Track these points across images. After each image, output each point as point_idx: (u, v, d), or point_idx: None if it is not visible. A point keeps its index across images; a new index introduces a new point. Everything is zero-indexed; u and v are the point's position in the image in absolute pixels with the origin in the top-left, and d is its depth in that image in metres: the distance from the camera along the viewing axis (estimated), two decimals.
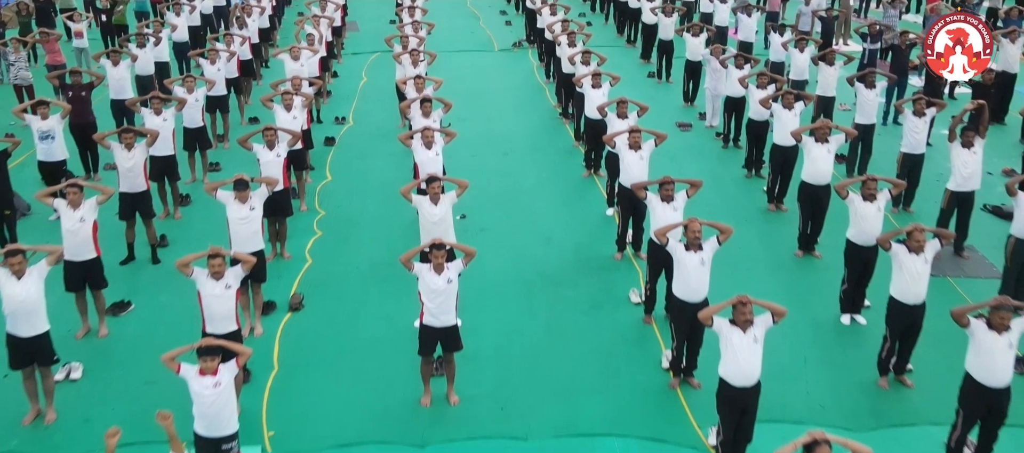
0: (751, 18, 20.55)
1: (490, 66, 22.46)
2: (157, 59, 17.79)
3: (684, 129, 17.70)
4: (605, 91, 14.74)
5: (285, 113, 13.21)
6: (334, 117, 17.99)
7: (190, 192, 14.12)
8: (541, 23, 21.26)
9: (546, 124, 18.05)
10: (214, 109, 16.04)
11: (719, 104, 17.59)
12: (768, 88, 14.66)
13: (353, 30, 25.57)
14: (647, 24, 22.18)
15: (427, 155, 11.95)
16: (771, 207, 13.96)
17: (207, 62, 15.79)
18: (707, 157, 16.29)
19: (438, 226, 10.23)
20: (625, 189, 11.98)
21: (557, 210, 13.99)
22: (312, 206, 13.89)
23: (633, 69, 21.75)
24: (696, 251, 9.16)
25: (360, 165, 15.66)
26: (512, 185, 14.92)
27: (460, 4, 29.88)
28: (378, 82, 20.26)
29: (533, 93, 20.15)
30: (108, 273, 11.02)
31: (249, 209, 9.99)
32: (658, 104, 18.95)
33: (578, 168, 15.59)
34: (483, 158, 16.04)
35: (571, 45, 17.28)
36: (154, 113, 12.88)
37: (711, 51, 17.28)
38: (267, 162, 11.76)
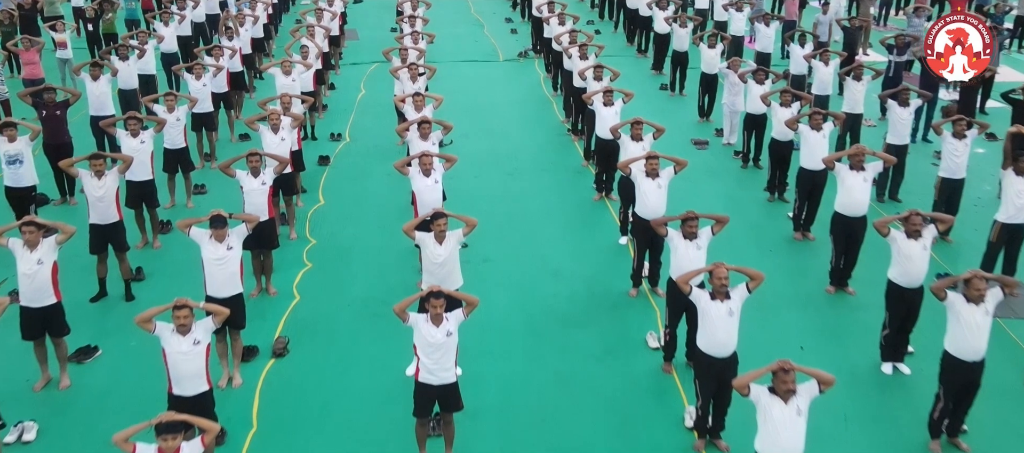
0: (769, 28, 19.55)
1: (495, 77, 21.46)
2: (142, 71, 16.84)
3: (700, 147, 16.68)
4: (618, 109, 13.74)
5: (272, 135, 12.23)
6: (330, 133, 17.01)
7: (172, 217, 13.13)
8: (549, 32, 20.25)
9: (554, 141, 17.04)
10: (199, 127, 15.06)
11: (738, 120, 16.58)
12: (792, 106, 13.66)
13: (352, 39, 24.60)
14: (659, 33, 21.18)
15: (425, 183, 10.95)
16: (797, 235, 12.92)
17: (192, 77, 14.81)
18: (725, 178, 15.27)
19: (443, 268, 9.25)
20: (641, 219, 10.99)
21: (566, 238, 12.98)
22: (302, 234, 12.90)
23: (644, 81, 20.74)
24: (723, 300, 8.14)
25: (356, 187, 14.66)
26: (518, 210, 13.91)
27: (463, 11, 28.90)
28: (377, 94, 19.27)
29: (540, 107, 19.15)
30: (76, 313, 10.09)
31: (226, 249, 8.99)
32: (672, 119, 17.90)
33: (588, 190, 14.58)
34: (487, 179, 15.04)
35: (582, 58, 16.27)
36: (131, 135, 11.90)
37: (729, 64, 16.25)
38: (251, 190, 10.78)
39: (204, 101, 14.88)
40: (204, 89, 14.82)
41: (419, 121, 12.26)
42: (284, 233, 12.71)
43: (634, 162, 11.09)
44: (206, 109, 14.96)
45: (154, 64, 17.15)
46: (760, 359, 9.09)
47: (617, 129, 12.40)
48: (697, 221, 9.40)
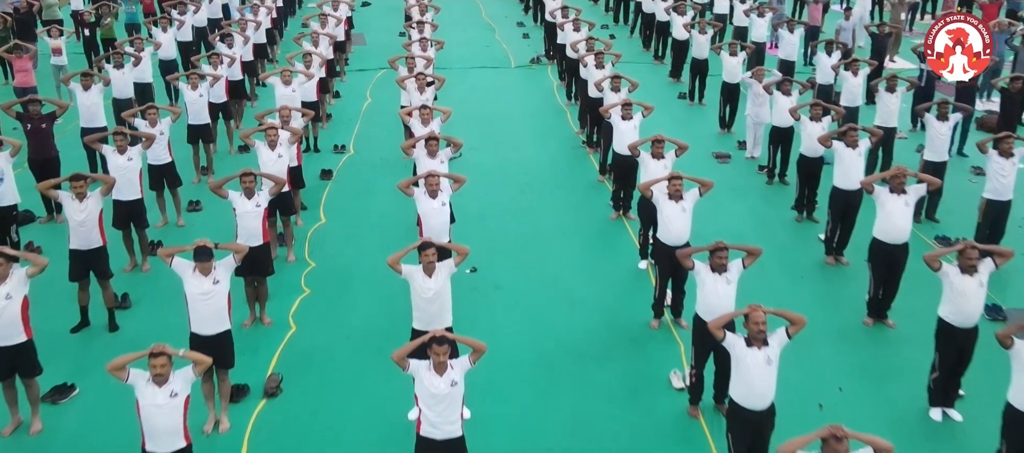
0: (794, 35, 18.67)
1: (506, 85, 20.65)
2: (139, 80, 16.12)
3: (722, 161, 15.84)
4: (636, 123, 12.92)
5: (269, 152, 11.46)
6: (333, 145, 16.23)
7: (163, 237, 12.38)
8: (563, 39, 19.44)
9: (568, 154, 16.22)
10: (196, 139, 14.30)
11: (762, 133, 15.73)
12: (823, 120, 12.82)
13: (359, 44, 23.84)
14: (678, 40, 20.34)
15: (431, 206, 10.16)
16: (830, 260, 12.07)
17: (187, 87, 14.05)
18: (750, 195, 14.42)
19: (433, 304, 8.42)
20: (664, 245, 10.18)
21: (582, 262, 12.16)
22: (301, 256, 12.12)
23: (662, 89, 19.91)
24: (760, 347, 7.31)
25: (359, 204, 13.87)
26: (530, 229, 13.10)
27: (474, 14, 28.10)
28: (384, 103, 18.46)
29: (553, 117, 18.33)
30: (53, 345, 9.44)
31: (212, 283, 8.20)
32: (691, 131, 17.16)
33: (605, 208, 13.76)
34: (497, 196, 14.24)
35: (598, 67, 15.45)
36: (118, 151, 11.15)
37: (752, 74, 15.40)
38: (245, 213, 10.01)
39: (200, 112, 14.12)
40: (200, 100, 14.06)
41: (426, 137, 11.46)
42: (282, 254, 11.97)
43: (656, 184, 10.27)
44: (202, 121, 14.19)
45: (151, 72, 16.40)
46: (795, 402, 8.34)
47: (636, 146, 11.58)
48: (727, 253, 8.57)
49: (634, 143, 11.64)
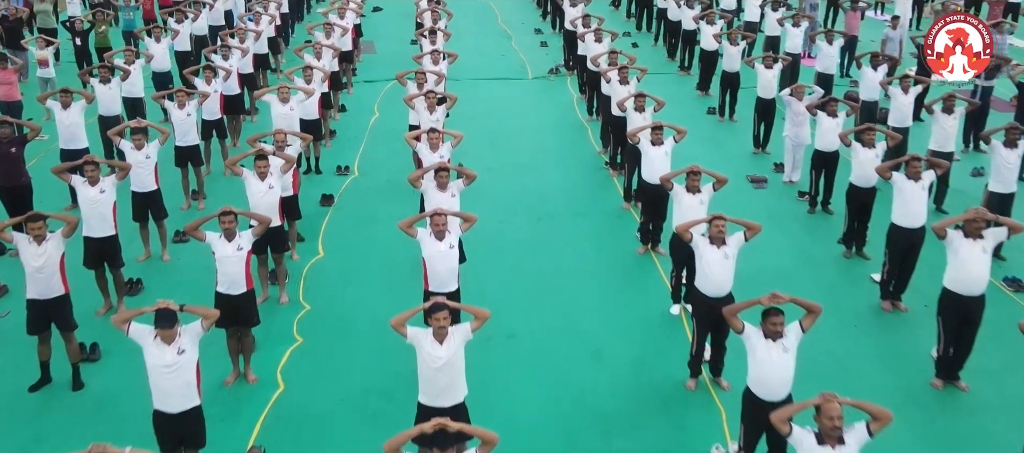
0: (833, 46, 17.34)
1: (522, 98, 19.39)
2: (129, 94, 14.99)
3: (758, 185, 14.53)
4: (668, 149, 11.66)
5: (258, 183, 10.26)
6: (336, 166, 15.01)
7: (144, 273, 11.22)
8: (583, 50, 18.18)
9: (589, 177, 14.95)
10: (185, 161, 13.13)
11: (801, 155, 14.43)
12: (876, 147, 11.52)
13: (368, 52, 22.65)
14: (706, 51, 19.03)
15: (437, 249, 8.91)
16: (886, 305, 10.75)
17: (174, 105, 12.88)
18: (790, 225, 13.10)
19: (443, 374, 7.19)
20: (703, 297, 8.90)
21: (607, 306, 10.88)
22: (295, 297, 10.91)
23: (689, 103, 18.65)
24: (834, 445, 6.04)
25: (362, 236, 12.65)
26: (549, 266, 11.84)
27: (490, 21, 26.89)
28: (393, 118, 17.22)
29: (573, 134, 17.06)
30: (9, 406, 8.29)
31: (177, 353, 6.99)
32: (723, 150, 15.93)
33: (631, 240, 12.49)
34: (513, 226, 12.99)
35: (623, 82, 14.18)
36: (89, 183, 9.98)
37: (792, 91, 14.07)
38: (224, 257, 8.82)
39: (188, 132, 12.94)
40: (188, 119, 12.87)
41: (436, 168, 10.20)
42: (274, 295, 10.78)
43: (695, 226, 9.00)
44: (191, 142, 13.01)
45: (142, 85, 15.24)
46: None
47: (669, 179, 10.30)
48: (782, 319, 7.29)
49: (667, 176, 10.36)
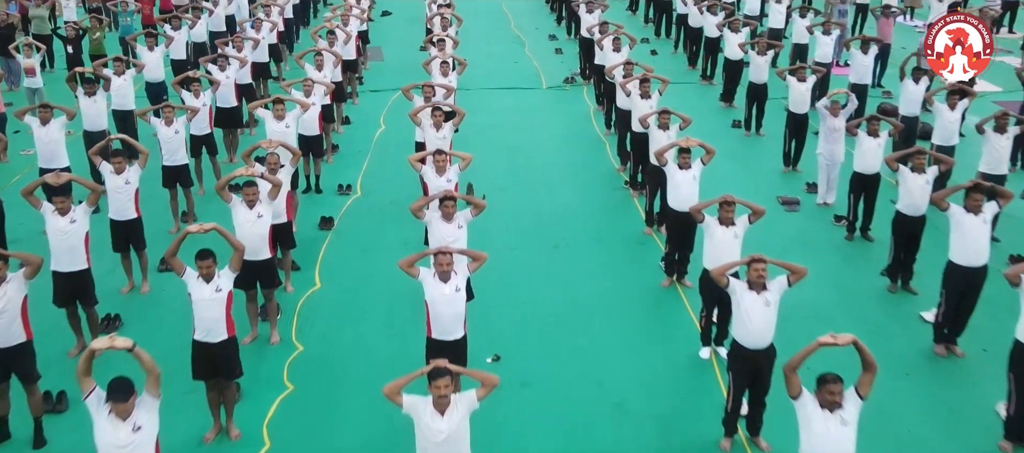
0: (868, 55, 16.30)
1: (536, 109, 18.40)
2: (120, 107, 14.11)
3: (789, 207, 13.48)
4: (696, 173, 10.66)
5: (246, 212, 9.33)
6: (337, 185, 14.04)
7: (124, 308, 10.28)
8: (601, 59, 17.18)
9: (608, 197, 13.93)
10: (173, 182, 12.20)
11: (836, 174, 13.39)
12: (926, 173, 10.49)
13: (376, 59, 21.71)
14: (731, 60, 18.00)
15: (441, 292, 7.92)
16: (940, 350, 9.69)
17: (161, 122, 11.95)
18: (827, 253, 12.05)
19: (443, 449, 6.21)
20: (743, 350, 7.88)
21: (630, 348, 9.87)
22: (287, 336, 9.94)
23: (712, 115, 17.64)
24: None
25: (363, 264, 11.68)
26: (565, 301, 10.83)
27: (502, 26, 25.92)
28: (399, 131, 16.27)
29: (590, 149, 16.05)
30: None
31: (132, 431, 6.02)
32: (749, 168, 14.93)
33: (653, 270, 11.48)
34: (526, 254, 11.99)
35: (644, 96, 13.18)
36: (59, 213, 9.04)
37: (829, 108, 13.04)
38: (202, 301, 7.86)
39: (177, 151, 12.01)
40: (176, 137, 11.94)
41: (442, 197, 9.21)
42: (264, 333, 9.82)
43: (732, 269, 8.00)
44: (179, 161, 12.08)
45: (132, 98, 14.31)
46: None
47: (701, 211, 9.28)
48: (840, 387, 6.28)
49: (697, 207, 9.34)
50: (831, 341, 6.42)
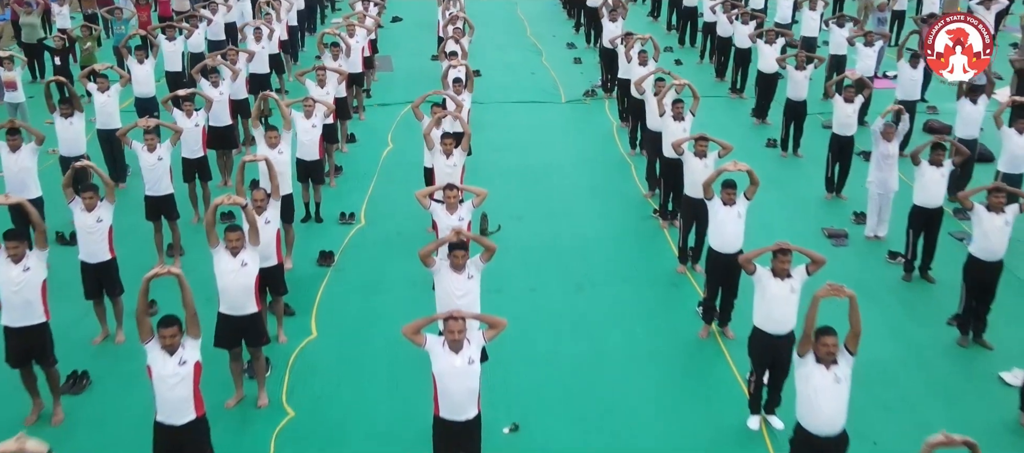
0: (917, 69, 15.01)
1: (555, 125, 17.15)
2: (104, 126, 12.99)
3: (837, 242, 12.21)
4: (742, 209, 9.44)
5: (229, 260, 8.15)
6: (339, 213, 12.83)
7: (95, 362, 9.11)
8: (624, 72, 15.96)
9: (636, 228, 12.68)
10: (157, 215, 11.03)
11: (888, 206, 12.11)
12: (1007, 210, 9.22)
13: (385, 69, 20.50)
14: (765, 73, 16.71)
15: (451, 364, 6.72)
16: None
17: (143, 147, 10.78)
18: (883, 297, 10.76)
19: None
20: (809, 436, 6.65)
21: (664, 412, 8.62)
22: (277, 398, 8.74)
23: (744, 133, 16.35)
24: None
25: (365, 308, 10.47)
26: (590, 354, 9.59)
27: (518, 33, 24.68)
28: (408, 150, 15.08)
29: (614, 172, 14.79)
30: None
31: None
32: (788, 193, 13.71)
33: (690, 317, 10.24)
34: (546, 296, 10.76)
35: (677, 119, 11.95)
36: (12, 261, 7.88)
37: (883, 131, 11.76)
38: (162, 378, 6.66)
39: (161, 180, 10.84)
40: (159, 164, 10.77)
41: (450, 244, 7.97)
42: (251, 394, 8.63)
43: (805, 350, 6.76)
44: (163, 191, 10.91)
45: (118, 117, 13.17)
46: None
47: (752, 261, 8.02)
48: None
49: (748, 257, 8.07)
50: None
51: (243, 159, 9.29)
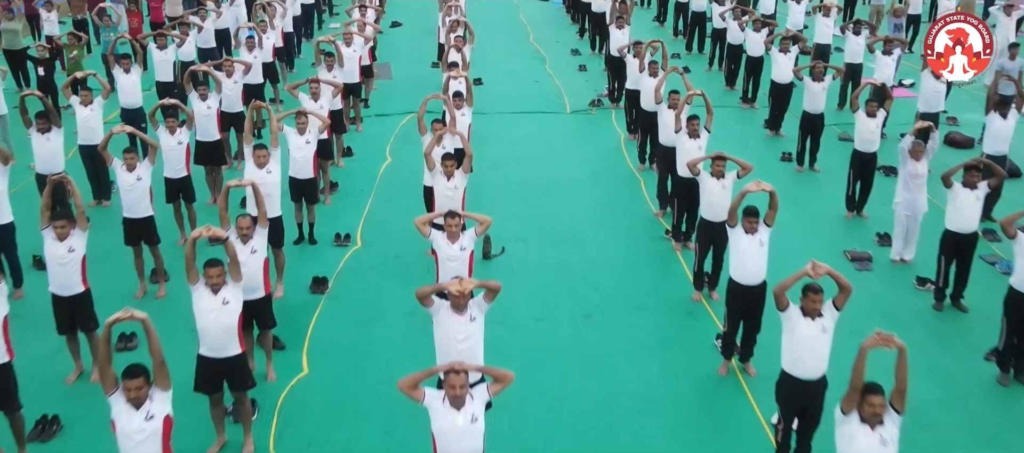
0: (940, 80, 14.29)
1: (560, 138, 16.45)
2: (87, 141, 12.32)
3: (861, 265, 11.52)
4: (764, 238, 8.76)
5: (209, 298, 7.46)
6: (334, 235, 12.14)
7: (62, 408, 8.40)
8: (633, 82, 15.31)
9: (646, 250, 11.99)
10: (136, 239, 10.34)
11: (916, 227, 11.43)
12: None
13: (384, 78, 19.82)
14: (779, 83, 16.01)
15: (452, 422, 6.07)
16: None
17: (122, 166, 10.07)
18: (913, 328, 10.05)
19: None
20: None
21: None
22: (264, 445, 8.05)
23: (757, 146, 15.74)
24: None
25: (360, 340, 9.78)
26: (600, 391, 8.89)
27: (521, 38, 24.01)
28: (407, 163, 14.41)
29: (623, 188, 14.10)
30: None
31: None
32: (805, 211, 13.09)
33: (708, 351, 9.56)
34: (553, 327, 10.07)
35: (692, 136, 11.29)
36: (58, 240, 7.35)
37: (911, 150, 11.08)
38: (127, 434, 5.99)
39: (139, 202, 10.14)
40: (139, 184, 10.08)
41: (451, 293, 7.19)
42: (235, 440, 7.95)
43: (850, 407, 6.08)
44: (143, 213, 10.21)
45: (101, 131, 12.46)
46: None
47: (785, 294, 7.29)
48: None
49: (781, 289, 7.34)
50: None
51: (227, 184, 8.58)
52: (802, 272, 7.21)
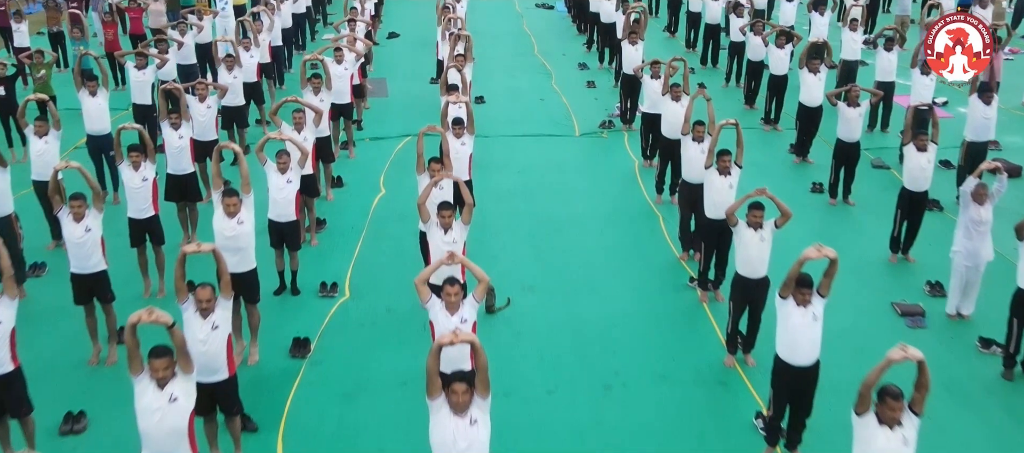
0: (991, 105, 13.04)
1: (569, 165, 15.06)
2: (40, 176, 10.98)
3: (914, 323, 10.17)
4: (818, 311, 7.43)
5: (154, 393, 6.11)
6: (320, 284, 10.78)
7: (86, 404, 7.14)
8: (651, 106, 13.99)
9: (670, 304, 10.62)
10: (90, 297, 8.98)
11: (978, 279, 10.09)
12: None
13: (379, 95, 18.48)
14: (808, 106, 14.64)
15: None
16: None
17: (68, 216, 8.69)
18: (980, 401, 8.76)
19: None
20: None
21: None
22: None
23: (783, 174, 14.53)
24: None
25: (345, 418, 8.41)
26: None
27: (525, 50, 22.64)
28: (402, 195, 13.12)
29: (641, 226, 12.73)
30: None
31: None
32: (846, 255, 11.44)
33: (747, 433, 8.23)
34: (568, 401, 8.71)
35: (723, 173, 9.99)
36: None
37: (973, 192, 9.75)
38: None
39: (91, 256, 8.76)
40: (87, 237, 8.69)
41: (450, 386, 5.89)
42: None
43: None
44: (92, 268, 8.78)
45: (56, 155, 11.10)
46: None
47: (869, 394, 5.96)
48: None
49: (867, 386, 5.97)
50: None
51: (184, 249, 7.19)
52: None
